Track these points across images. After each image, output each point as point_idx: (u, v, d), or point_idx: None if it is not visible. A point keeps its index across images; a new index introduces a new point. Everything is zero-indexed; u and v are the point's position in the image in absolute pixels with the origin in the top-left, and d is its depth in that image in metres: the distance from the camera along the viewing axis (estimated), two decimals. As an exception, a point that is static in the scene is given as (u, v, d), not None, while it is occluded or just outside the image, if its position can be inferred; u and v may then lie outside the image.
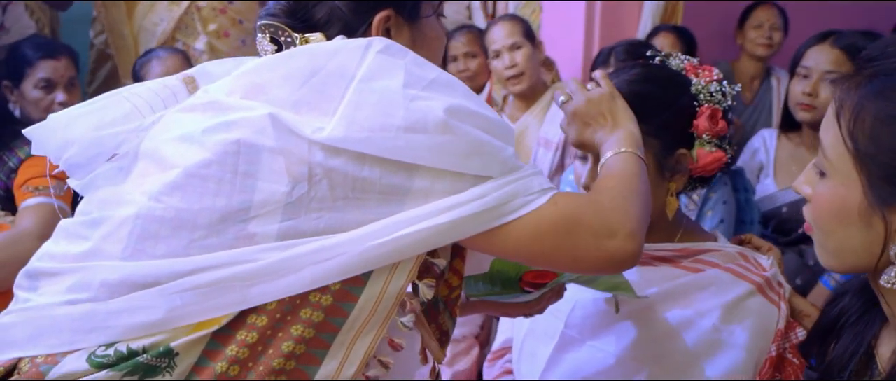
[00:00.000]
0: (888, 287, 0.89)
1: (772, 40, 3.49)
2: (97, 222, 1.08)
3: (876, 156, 0.86)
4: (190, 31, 3.41)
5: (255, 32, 1.22)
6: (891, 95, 0.85)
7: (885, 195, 0.86)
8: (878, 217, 0.87)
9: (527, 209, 1.06)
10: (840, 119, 0.90)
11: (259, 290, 1.01)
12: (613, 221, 1.07)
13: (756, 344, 1.35)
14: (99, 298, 1.03)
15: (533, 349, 1.55)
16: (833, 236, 0.94)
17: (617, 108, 1.29)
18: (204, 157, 1.03)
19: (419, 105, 1.03)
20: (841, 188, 0.90)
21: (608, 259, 1.08)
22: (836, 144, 0.90)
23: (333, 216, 1.02)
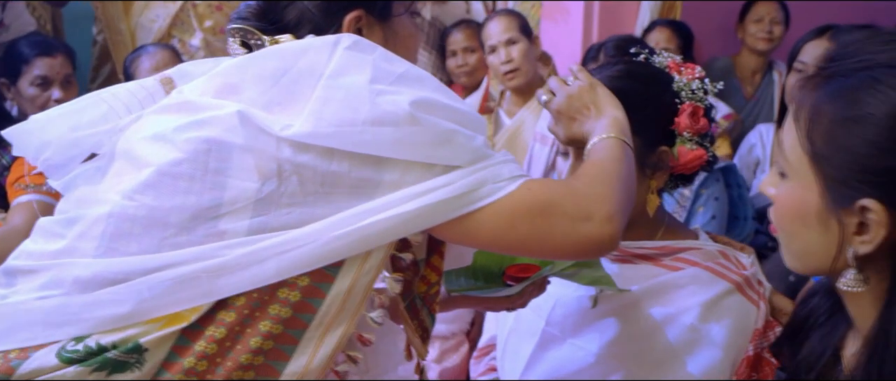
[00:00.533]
0: (845, 290, 0.89)
1: (772, 34, 3.47)
2: (72, 220, 1.09)
3: (831, 158, 0.85)
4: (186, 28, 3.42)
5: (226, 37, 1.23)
6: (847, 96, 0.84)
7: (839, 198, 0.85)
8: (835, 219, 0.86)
9: (496, 196, 1.06)
10: (798, 120, 0.89)
11: (225, 282, 1.03)
12: (589, 204, 1.07)
13: (734, 343, 1.35)
14: (71, 294, 1.04)
15: (516, 346, 1.55)
16: (794, 238, 0.93)
17: (599, 97, 1.28)
18: (176, 155, 1.04)
19: (385, 99, 1.04)
20: (800, 190, 0.90)
21: (585, 243, 1.07)
22: (795, 145, 0.89)
23: (304, 211, 1.04)
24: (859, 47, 0.87)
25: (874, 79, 0.83)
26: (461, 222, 1.06)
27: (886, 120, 0.81)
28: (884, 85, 0.82)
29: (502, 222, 1.06)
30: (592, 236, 1.06)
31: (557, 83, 1.33)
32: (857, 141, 0.83)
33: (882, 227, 0.82)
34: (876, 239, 0.83)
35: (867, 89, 0.83)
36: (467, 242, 1.12)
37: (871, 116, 0.82)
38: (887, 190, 0.82)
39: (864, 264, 0.87)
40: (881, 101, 0.82)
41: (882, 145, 0.81)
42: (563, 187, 1.11)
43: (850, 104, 0.84)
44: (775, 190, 0.95)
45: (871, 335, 0.87)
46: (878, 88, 0.82)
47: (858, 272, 0.87)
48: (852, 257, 0.86)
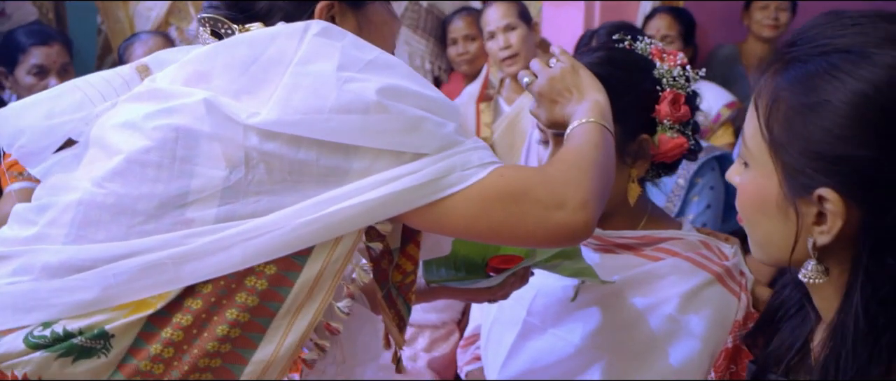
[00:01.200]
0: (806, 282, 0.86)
1: (778, 21, 3.41)
2: (44, 207, 1.10)
3: (789, 146, 0.82)
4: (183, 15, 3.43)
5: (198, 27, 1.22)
6: (806, 83, 0.81)
7: (797, 187, 0.83)
8: (794, 209, 0.83)
9: (466, 183, 1.04)
10: (758, 107, 0.86)
11: (190, 269, 1.03)
12: (563, 191, 1.05)
13: (713, 335, 1.33)
14: (40, 280, 1.05)
15: (498, 336, 1.55)
16: (757, 227, 0.91)
17: (581, 80, 1.26)
18: (144, 143, 1.04)
19: (352, 87, 1.02)
20: (760, 179, 0.87)
21: (558, 230, 1.05)
22: (755, 133, 0.87)
23: (272, 200, 1.03)
24: (819, 31, 0.84)
25: (832, 65, 0.80)
26: (431, 210, 1.05)
27: (844, 107, 0.78)
28: (841, 71, 0.79)
29: (473, 209, 1.05)
30: (566, 223, 1.04)
31: (540, 65, 1.31)
32: (814, 129, 0.80)
33: (838, 217, 0.80)
34: (833, 230, 0.81)
35: (824, 76, 0.80)
36: (440, 230, 1.10)
37: (828, 103, 0.79)
38: (844, 179, 0.79)
39: (824, 256, 0.84)
40: (838, 87, 0.79)
41: (839, 133, 0.79)
42: (537, 174, 1.09)
43: (808, 91, 0.81)
44: (739, 179, 0.93)
45: (831, 328, 0.85)
46: (835, 75, 0.79)
47: (818, 263, 0.85)
48: (812, 247, 0.84)
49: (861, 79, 0.78)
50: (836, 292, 0.85)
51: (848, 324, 0.81)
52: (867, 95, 0.77)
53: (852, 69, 0.78)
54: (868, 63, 0.78)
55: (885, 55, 0.78)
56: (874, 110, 0.77)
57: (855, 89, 0.78)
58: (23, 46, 2.70)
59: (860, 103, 0.78)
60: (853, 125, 0.78)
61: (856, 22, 0.82)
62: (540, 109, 1.31)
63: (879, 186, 0.78)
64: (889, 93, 0.77)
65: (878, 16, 0.83)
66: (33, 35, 2.75)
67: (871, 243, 0.80)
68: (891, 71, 0.77)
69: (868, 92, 0.77)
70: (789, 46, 0.85)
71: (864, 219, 0.80)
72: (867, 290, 0.81)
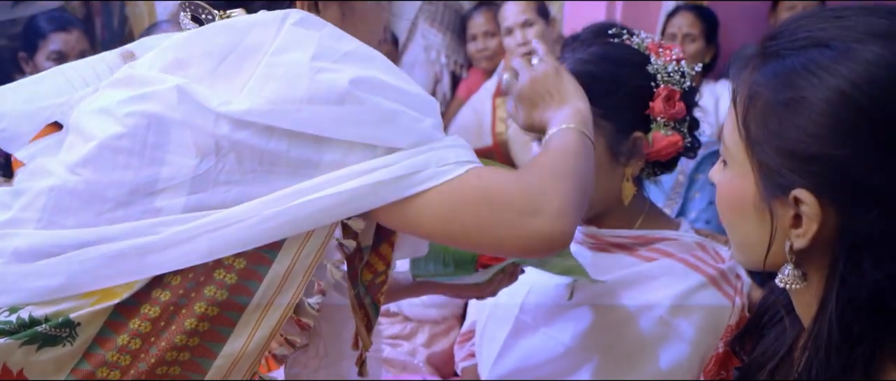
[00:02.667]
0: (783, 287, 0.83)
1: (805, 21, 3.34)
2: (19, 192, 1.09)
3: (765, 145, 0.79)
4: (200, 2, 3.43)
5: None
6: (783, 78, 0.77)
7: (773, 187, 0.79)
8: (769, 210, 0.80)
9: (438, 180, 1.00)
10: (736, 104, 0.83)
11: (154, 259, 1.01)
12: (539, 197, 1.00)
13: (703, 339, 1.30)
14: (10, 264, 1.04)
15: (492, 332, 1.52)
16: (735, 229, 0.88)
17: (563, 84, 1.22)
18: (117, 129, 1.03)
19: (324, 77, 1.00)
20: (737, 179, 0.84)
21: (532, 238, 1.00)
22: (732, 131, 0.83)
23: (242, 190, 1.01)
24: (801, 24, 0.80)
25: (810, 60, 0.76)
26: (402, 207, 1.02)
27: (821, 105, 0.74)
28: (819, 67, 0.75)
29: (445, 210, 1.01)
30: (541, 232, 1.00)
31: (522, 65, 1.27)
32: (790, 127, 0.76)
33: (814, 220, 0.76)
34: (809, 233, 0.77)
35: (802, 71, 0.76)
36: (412, 229, 1.07)
37: (804, 101, 0.75)
38: (820, 180, 0.75)
39: (802, 260, 0.81)
40: (816, 84, 0.75)
41: (815, 132, 0.75)
42: (513, 178, 1.05)
43: (785, 87, 0.77)
44: (718, 177, 0.89)
45: (807, 336, 0.81)
46: (813, 71, 0.75)
47: (795, 268, 0.81)
48: (789, 251, 0.80)
49: (839, 75, 0.74)
50: (815, 298, 0.81)
51: (823, 333, 0.77)
52: (845, 92, 0.73)
53: (831, 65, 0.75)
54: (848, 59, 0.74)
55: (865, 50, 0.74)
56: (852, 109, 0.73)
57: (833, 86, 0.74)
58: (43, 32, 2.75)
59: (838, 101, 0.74)
60: (830, 124, 0.74)
61: (838, 15, 0.78)
62: (518, 110, 1.26)
63: (857, 188, 0.74)
64: (868, 90, 0.73)
65: (863, 9, 0.79)
66: (54, 21, 2.79)
67: (847, 247, 0.76)
68: (870, 67, 0.73)
69: (846, 89, 0.73)
70: (770, 40, 0.81)
71: (841, 222, 0.76)
72: (843, 297, 0.77)
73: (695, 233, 1.45)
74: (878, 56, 0.74)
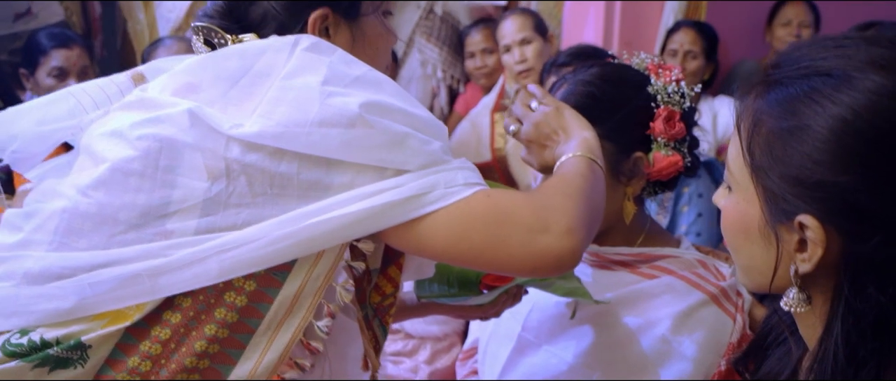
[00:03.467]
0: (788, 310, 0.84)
1: (801, 38, 3.37)
2: (31, 214, 1.10)
3: (770, 171, 0.80)
4: (202, 17, 3.45)
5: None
6: (787, 106, 0.79)
7: (778, 212, 0.80)
8: (775, 235, 0.81)
9: (447, 201, 1.02)
10: (740, 130, 0.84)
11: (165, 281, 1.02)
12: (548, 216, 1.02)
13: (705, 357, 1.31)
14: (21, 286, 1.05)
15: (495, 350, 1.53)
16: (740, 253, 0.89)
17: (566, 120, 1.23)
18: (129, 153, 1.04)
19: (335, 101, 1.02)
20: (742, 204, 0.85)
21: (541, 256, 1.01)
22: (737, 157, 0.85)
23: (253, 212, 1.02)
24: (803, 53, 0.81)
25: (813, 88, 0.78)
26: (412, 228, 1.03)
27: (824, 132, 0.76)
28: (821, 95, 0.77)
29: (455, 230, 1.02)
30: (550, 249, 1.01)
31: (523, 110, 1.28)
32: (794, 154, 0.78)
33: (819, 245, 0.77)
34: (814, 257, 0.78)
35: (805, 99, 0.78)
36: (421, 250, 1.07)
37: (808, 128, 0.77)
38: (824, 206, 0.77)
39: (807, 284, 0.82)
40: (818, 112, 0.76)
41: (819, 159, 0.76)
42: (522, 197, 1.06)
43: (788, 115, 0.79)
44: (723, 202, 0.91)
45: (812, 359, 0.82)
46: (815, 99, 0.77)
47: (800, 291, 0.82)
48: (794, 274, 0.81)
49: (841, 103, 0.75)
50: (819, 320, 0.83)
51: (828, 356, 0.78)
52: (847, 120, 0.75)
53: (833, 93, 0.76)
54: (849, 87, 0.76)
55: (866, 79, 0.76)
56: (854, 136, 0.75)
57: (835, 114, 0.75)
58: (44, 48, 2.75)
59: (840, 129, 0.75)
60: (833, 151, 0.75)
61: (839, 44, 0.80)
62: (530, 155, 1.28)
63: (860, 213, 0.76)
64: (870, 118, 0.74)
65: (863, 38, 0.80)
66: (54, 37, 2.80)
67: (852, 271, 0.77)
68: (872, 96, 0.75)
69: (848, 117, 0.75)
70: (773, 68, 0.83)
71: (845, 247, 0.77)
72: (848, 321, 0.78)
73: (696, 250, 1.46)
74: (880, 85, 0.75)
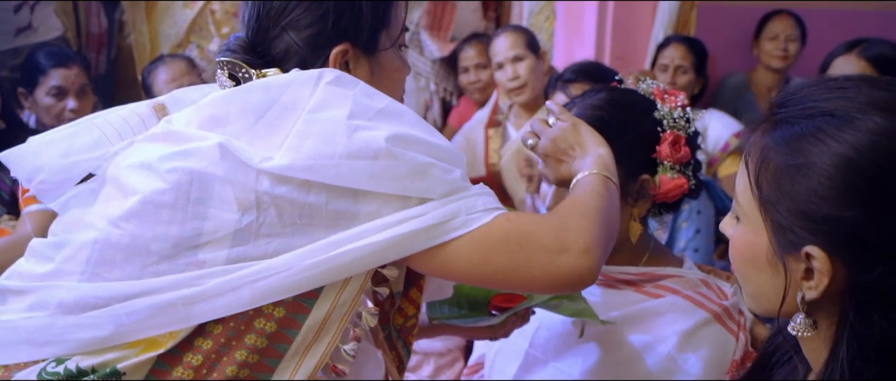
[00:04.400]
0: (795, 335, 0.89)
1: (787, 52, 3.44)
2: (60, 244, 1.13)
3: (777, 204, 0.85)
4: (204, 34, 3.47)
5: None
6: (793, 144, 0.84)
7: (786, 243, 0.85)
8: (782, 264, 0.86)
9: (470, 227, 1.06)
10: (748, 165, 0.89)
11: (199, 309, 1.05)
12: (566, 236, 1.06)
13: (710, 375, 1.35)
14: (55, 315, 1.08)
15: (501, 367, 1.56)
16: (748, 280, 0.94)
17: (582, 136, 1.28)
18: (159, 185, 1.07)
19: (362, 135, 1.05)
20: (750, 234, 0.90)
21: (562, 276, 1.06)
22: (745, 190, 0.89)
23: (282, 242, 1.05)
24: (807, 93, 0.87)
25: (818, 128, 0.83)
26: (436, 254, 1.07)
27: (828, 169, 0.81)
28: (826, 135, 0.82)
29: (478, 254, 1.07)
30: (570, 269, 1.05)
31: (541, 126, 1.33)
32: (801, 189, 0.83)
33: (825, 274, 0.82)
34: (820, 286, 0.83)
35: (810, 138, 0.83)
36: (445, 274, 1.12)
37: (813, 165, 0.82)
38: (830, 238, 0.82)
39: (813, 309, 0.87)
40: (823, 150, 0.82)
41: (824, 194, 0.81)
42: (540, 219, 1.11)
43: (795, 152, 0.84)
44: (731, 231, 0.95)
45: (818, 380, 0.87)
46: (820, 138, 0.82)
47: (806, 317, 0.87)
48: (801, 301, 0.86)
49: (845, 143, 0.81)
50: (824, 344, 0.88)
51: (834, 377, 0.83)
52: (850, 158, 0.80)
53: (836, 133, 0.81)
54: (851, 128, 0.81)
55: (867, 120, 0.81)
56: (857, 173, 0.80)
57: (839, 152, 0.81)
58: (43, 68, 2.76)
59: (844, 166, 0.80)
60: (837, 187, 0.80)
61: (840, 86, 0.85)
62: (546, 169, 1.33)
63: (864, 245, 0.80)
64: (872, 157, 0.80)
65: (863, 80, 0.86)
66: (53, 57, 2.80)
67: (857, 299, 0.82)
68: (873, 136, 0.80)
69: (851, 156, 0.80)
70: (778, 107, 0.88)
71: (849, 276, 0.82)
72: (854, 346, 0.83)
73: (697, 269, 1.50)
74: (880, 125, 0.80)
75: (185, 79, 2.83)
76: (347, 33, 1.18)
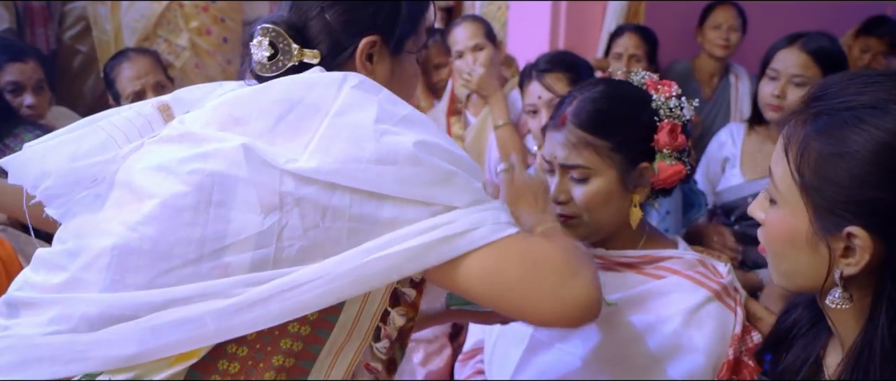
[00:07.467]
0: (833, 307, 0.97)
1: (729, 41, 3.56)
2: (75, 252, 1.09)
3: (820, 189, 0.93)
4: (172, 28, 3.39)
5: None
6: (834, 133, 0.93)
7: (828, 225, 0.93)
8: (823, 244, 0.94)
9: (494, 237, 1.07)
10: (788, 153, 0.97)
11: (228, 324, 1.04)
12: (576, 264, 1.09)
13: (714, 349, 1.43)
14: (79, 330, 1.05)
15: (504, 350, 1.61)
16: (784, 259, 1.01)
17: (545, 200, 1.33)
18: (180, 188, 1.05)
19: (389, 139, 1.06)
20: (790, 217, 0.98)
21: (570, 300, 1.07)
22: (785, 176, 0.97)
23: (304, 245, 1.05)
24: (843, 87, 0.95)
25: (858, 118, 0.91)
26: (456, 263, 1.07)
27: (870, 155, 0.89)
28: (867, 124, 0.90)
29: (493, 267, 1.07)
30: (578, 294, 1.06)
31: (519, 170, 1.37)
32: (844, 174, 0.91)
33: (866, 252, 0.91)
34: (861, 262, 0.92)
35: (852, 127, 0.91)
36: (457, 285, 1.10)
37: (856, 152, 0.90)
38: (871, 218, 0.90)
39: (849, 284, 0.96)
40: (865, 138, 0.90)
41: (866, 178, 0.90)
42: (552, 245, 1.12)
43: (837, 141, 0.92)
44: (764, 215, 1.03)
45: (856, 346, 0.96)
46: (861, 127, 0.91)
47: (844, 291, 0.96)
48: (839, 277, 0.95)
49: (884, 130, 0.90)
50: (857, 314, 0.97)
51: (874, 345, 0.92)
52: (889, 144, 0.89)
53: (876, 121, 0.90)
54: (888, 116, 0.90)
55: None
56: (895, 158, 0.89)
57: (879, 139, 0.89)
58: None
59: (884, 152, 0.89)
60: (878, 171, 0.89)
61: (874, 81, 0.94)
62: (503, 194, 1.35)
63: None
64: None
65: (892, 75, 0.96)
66: (6, 50, 2.70)
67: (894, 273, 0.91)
68: None
69: (890, 142, 0.89)
70: (815, 100, 0.97)
71: (887, 252, 0.91)
72: (891, 314, 0.92)
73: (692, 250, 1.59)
74: None
75: (151, 76, 2.76)
76: (382, 27, 1.21)
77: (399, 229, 1.05)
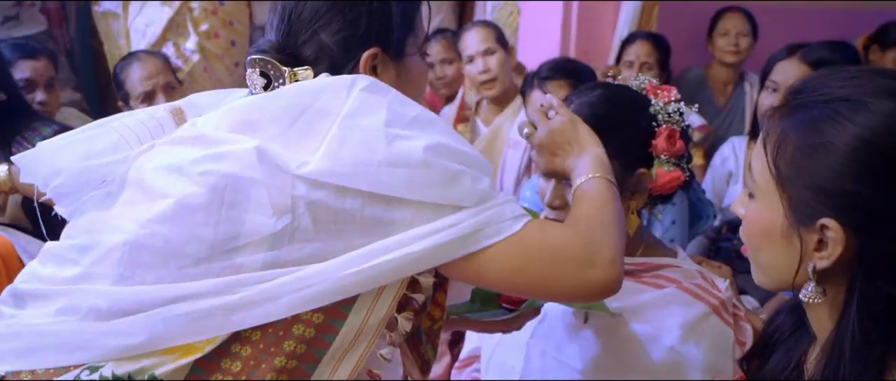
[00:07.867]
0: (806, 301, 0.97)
1: (739, 47, 3.54)
2: (86, 247, 1.11)
3: (795, 181, 0.93)
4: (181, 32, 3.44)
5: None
6: (810, 126, 0.93)
7: (802, 217, 0.94)
8: (797, 236, 0.94)
9: (501, 236, 1.10)
10: (766, 146, 0.97)
11: (239, 317, 1.06)
12: (593, 250, 1.11)
13: (712, 365, 1.41)
14: (87, 320, 1.06)
15: (502, 358, 1.61)
16: (761, 253, 1.02)
17: (580, 134, 1.32)
18: (193, 189, 1.07)
19: (400, 143, 1.07)
20: (766, 210, 0.98)
21: (591, 288, 1.12)
22: (763, 169, 0.97)
23: (317, 247, 1.06)
24: (822, 82, 0.96)
25: (834, 111, 0.92)
26: (473, 261, 1.10)
27: (844, 148, 0.90)
28: (842, 117, 0.91)
29: (513, 262, 1.10)
30: (598, 281, 1.12)
31: (539, 117, 1.37)
32: (819, 166, 0.91)
33: (839, 244, 0.91)
34: (833, 255, 0.92)
35: (827, 120, 0.92)
36: (478, 281, 1.16)
37: (830, 145, 0.91)
38: (844, 211, 0.90)
39: (823, 278, 0.96)
40: (840, 131, 0.90)
41: (840, 171, 0.90)
42: (570, 232, 1.15)
43: (813, 133, 0.92)
44: (744, 210, 1.04)
45: (828, 342, 0.96)
46: (837, 120, 0.91)
47: (817, 285, 0.96)
48: (812, 271, 0.95)
49: (859, 124, 0.90)
50: (830, 311, 0.97)
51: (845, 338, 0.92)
52: (865, 138, 0.89)
53: (852, 115, 0.90)
54: (865, 111, 0.90)
55: (879, 104, 0.90)
56: (871, 151, 0.89)
57: (854, 133, 0.90)
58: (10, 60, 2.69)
59: (859, 145, 0.89)
60: (853, 164, 0.89)
61: (853, 76, 0.95)
62: (539, 158, 1.37)
63: (875, 216, 0.90)
64: (884, 137, 0.89)
65: (871, 71, 0.96)
66: (19, 48, 2.74)
67: (866, 267, 0.92)
68: (884, 118, 0.89)
69: (866, 136, 0.89)
70: (795, 94, 0.97)
71: (860, 246, 0.91)
72: (862, 308, 0.92)
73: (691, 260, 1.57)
74: (891, 109, 0.90)
75: (161, 77, 2.79)
76: (379, 37, 1.21)
77: (409, 231, 1.07)
